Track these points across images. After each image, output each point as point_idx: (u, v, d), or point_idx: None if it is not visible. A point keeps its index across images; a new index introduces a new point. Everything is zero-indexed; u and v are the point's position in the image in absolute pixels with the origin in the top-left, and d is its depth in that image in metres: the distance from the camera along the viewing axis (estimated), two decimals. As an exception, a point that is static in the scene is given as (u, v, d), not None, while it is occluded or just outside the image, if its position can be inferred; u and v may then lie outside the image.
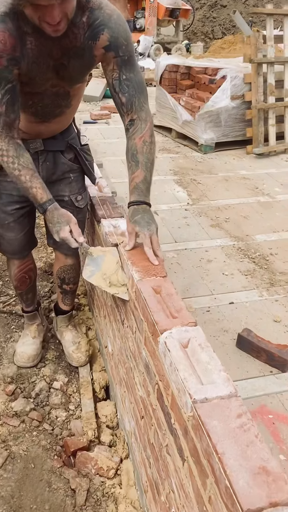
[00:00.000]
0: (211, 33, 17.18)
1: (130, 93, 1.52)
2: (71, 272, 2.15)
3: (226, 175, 4.09)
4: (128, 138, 1.60)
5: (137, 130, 1.57)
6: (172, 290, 1.35)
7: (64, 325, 2.32)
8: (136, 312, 1.43)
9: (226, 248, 2.85)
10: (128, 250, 1.56)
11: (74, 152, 1.88)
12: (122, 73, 1.50)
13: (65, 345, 2.30)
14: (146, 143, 1.56)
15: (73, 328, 2.34)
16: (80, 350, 2.24)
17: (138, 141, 1.56)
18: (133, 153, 1.56)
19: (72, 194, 1.91)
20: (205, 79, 4.79)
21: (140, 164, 1.54)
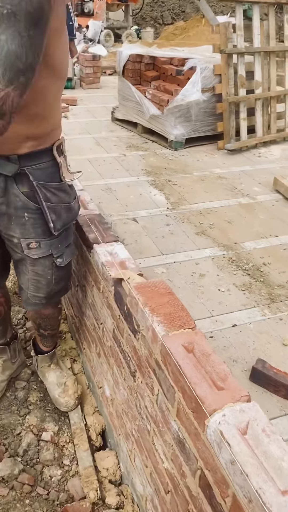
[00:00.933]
0: (161, 19, 16.84)
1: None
2: (47, 320, 1.81)
3: (202, 174, 3.87)
4: None
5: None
6: (208, 348, 1.10)
7: (46, 365, 2.01)
8: (160, 373, 1.18)
9: (216, 259, 2.64)
10: (139, 289, 1.30)
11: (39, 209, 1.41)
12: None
13: (49, 388, 2.00)
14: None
15: (56, 367, 2.02)
16: (67, 393, 1.96)
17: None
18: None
19: (24, 238, 1.45)
20: (172, 70, 4.52)
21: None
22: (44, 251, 1.48)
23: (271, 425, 0.91)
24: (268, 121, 4.69)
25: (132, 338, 1.36)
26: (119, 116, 5.07)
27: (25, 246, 1.46)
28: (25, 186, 1.38)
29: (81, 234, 1.80)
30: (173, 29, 12.92)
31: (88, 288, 1.85)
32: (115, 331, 1.54)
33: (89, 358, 2.03)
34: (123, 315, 1.42)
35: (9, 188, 1.38)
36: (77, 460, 1.78)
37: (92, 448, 1.84)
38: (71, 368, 2.16)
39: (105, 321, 1.66)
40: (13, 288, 2.67)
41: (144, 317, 1.23)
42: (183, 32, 12.12)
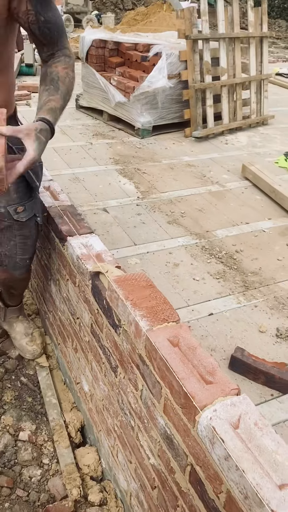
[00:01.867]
0: (121, 4, 16.54)
1: (52, 35, 1.35)
2: (19, 283, 1.90)
3: (170, 162, 3.83)
4: (48, 66, 1.40)
5: (60, 60, 1.40)
6: (194, 341, 1.08)
7: (15, 316, 2.10)
8: (144, 368, 1.15)
9: (189, 248, 2.62)
10: (119, 282, 1.25)
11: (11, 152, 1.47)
12: (39, 14, 1.28)
13: (16, 337, 2.06)
14: (69, 75, 1.41)
15: (24, 318, 2.12)
16: (36, 342, 2.05)
17: (61, 70, 1.39)
18: (53, 78, 1.37)
19: (10, 205, 1.56)
20: (137, 56, 4.44)
21: (60, 92, 1.36)
22: (29, 212, 1.61)
23: (263, 418, 0.90)
24: (234, 108, 4.69)
25: (113, 333, 1.32)
26: (84, 104, 4.95)
27: (13, 212, 1.56)
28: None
29: (54, 226, 1.73)
30: (134, 14, 12.69)
31: (62, 282, 1.79)
32: (93, 326, 1.49)
33: (64, 353, 1.98)
34: (102, 310, 1.37)
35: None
36: (57, 458, 1.74)
37: (72, 445, 1.80)
38: (49, 364, 2.10)
39: (82, 316, 1.61)
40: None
41: (126, 312, 1.19)
42: (144, 18, 11.92)
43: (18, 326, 2.10)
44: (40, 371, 2.06)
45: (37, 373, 2.06)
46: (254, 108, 4.87)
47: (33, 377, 2.07)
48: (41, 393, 1.99)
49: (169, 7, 11.10)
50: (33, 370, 2.10)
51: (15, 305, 2.09)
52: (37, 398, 1.98)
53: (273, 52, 11.21)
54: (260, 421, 0.89)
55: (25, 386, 2.02)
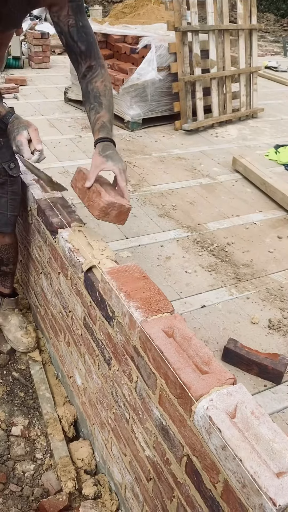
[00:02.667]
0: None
1: (89, 41, 1.47)
2: (9, 251, 1.98)
3: (161, 155, 3.81)
4: (87, 82, 1.53)
5: (97, 74, 1.52)
6: (188, 332, 1.07)
7: (11, 308, 2.14)
8: (139, 360, 1.14)
9: (181, 241, 2.62)
10: (112, 274, 1.24)
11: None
12: (79, 20, 1.43)
13: (11, 329, 2.09)
14: (107, 88, 1.53)
15: (19, 312, 2.18)
16: (30, 335, 2.08)
17: (100, 84, 1.52)
18: (95, 95, 1.51)
19: (4, 162, 1.72)
20: (126, 48, 4.40)
21: (104, 106, 1.49)
22: (18, 168, 1.79)
23: (260, 407, 0.89)
24: (223, 101, 4.68)
25: (106, 325, 1.31)
26: (73, 97, 4.90)
27: (7, 168, 1.72)
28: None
29: (44, 218, 1.71)
30: (122, 7, 12.59)
31: (54, 275, 1.77)
32: (86, 318, 1.48)
33: (56, 347, 1.96)
34: (95, 302, 1.36)
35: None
36: (50, 452, 1.73)
37: (66, 439, 1.79)
38: (42, 359, 2.09)
39: (74, 309, 1.59)
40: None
41: (119, 303, 1.18)
42: (132, 11, 11.85)
43: (13, 318, 2.12)
44: (33, 365, 2.05)
45: (30, 368, 2.04)
46: (244, 101, 4.86)
47: (24, 372, 2.05)
48: (33, 388, 1.97)
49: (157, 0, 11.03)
50: (24, 365, 2.08)
51: (9, 293, 2.13)
52: (29, 393, 1.96)
53: (262, 46, 11.20)
54: (257, 410, 0.89)
55: (16, 381, 2.00)
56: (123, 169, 1.38)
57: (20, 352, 2.09)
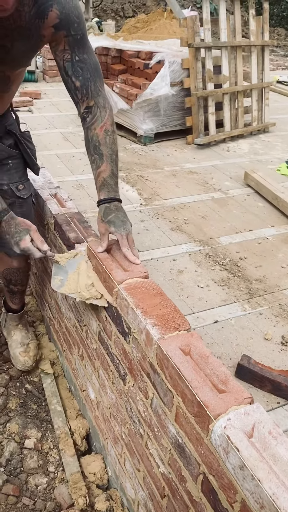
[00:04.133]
0: (122, 11, 16.67)
1: (85, 77, 1.39)
2: (18, 274, 1.94)
3: (173, 169, 3.85)
4: (87, 129, 1.47)
5: (96, 119, 1.44)
6: (205, 350, 1.08)
7: (14, 323, 2.11)
8: (155, 377, 1.15)
9: (193, 255, 2.63)
10: (129, 290, 1.26)
11: (14, 139, 1.69)
12: (75, 54, 1.36)
13: (12, 345, 2.06)
14: (108, 133, 1.44)
15: (23, 327, 2.13)
16: (28, 354, 2.03)
17: (100, 131, 1.43)
18: (95, 145, 1.43)
19: (12, 183, 1.71)
20: (139, 63, 4.47)
21: (105, 156, 1.42)
22: (28, 190, 1.76)
23: (277, 427, 0.90)
24: (235, 115, 4.72)
25: (122, 341, 1.32)
26: (86, 110, 4.97)
27: (15, 190, 1.71)
28: (9, 140, 1.67)
29: (61, 233, 1.74)
30: (135, 22, 12.75)
31: (69, 289, 1.79)
32: (101, 333, 1.49)
33: (69, 360, 1.98)
34: (111, 317, 1.37)
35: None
36: (63, 466, 1.73)
37: (78, 453, 1.79)
38: (54, 371, 2.10)
39: (89, 323, 1.61)
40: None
41: (136, 320, 1.19)
42: (145, 25, 11.98)
43: (16, 334, 2.09)
44: (45, 378, 2.06)
45: (42, 380, 2.06)
46: (256, 115, 4.90)
47: (37, 384, 2.07)
48: (46, 401, 1.98)
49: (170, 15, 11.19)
50: (37, 377, 2.09)
51: (17, 309, 2.10)
52: (42, 406, 1.97)
53: (273, 60, 11.28)
54: (274, 430, 0.89)
55: (29, 393, 2.02)
56: (127, 233, 1.36)
57: (18, 369, 2.05)
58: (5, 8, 1.11)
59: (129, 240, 1.38)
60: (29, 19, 1.25)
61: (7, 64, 1.38)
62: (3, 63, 1.36)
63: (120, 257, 1.41)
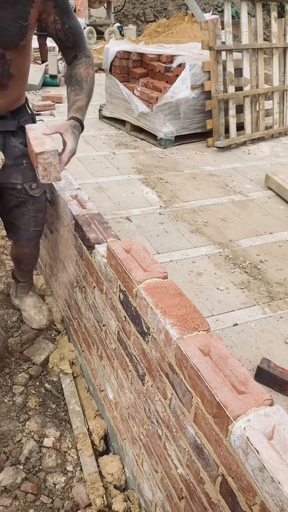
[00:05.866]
0: (143, 16, 16.77)
1: (75, 39, 1.64)
2: (28, 258, 2.12)
3: (193, 172, 3.84)
4: (72, 67, 1.68)
5: (81, 62, 1.67)
6: (225, 351, 1.07)
7: (25, 292, 2.26)
8: (174, 377, 1.14)
9: (213, 257, 2.62)
10: (148, 290, 1.26)
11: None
12: (65, 23, 1.57)
13: (25, 309, 2.22)
14: (90, 75, 1.67)
15: (34, 294, 2.29)
16: (43, 313, 2.19)
17: (84, 71, 1.66)
18: (78, 79, 1.65)
19: (26, 182, 1.80)
20: (160, 67, 4.48)
21: (84, 91, 1.64)
22: (41, 189, 1.86)
23: (298, 429, 0.88)
24: (256, 118, 4.69)
25: (141, 341, 1.32)
26: (107, 114, 5.01)
27: (28, 188, 1.80)
28: (21, 137, 1.73)
29: (81, 234, 1.75)
30: (156, 26, 12.85)
31: (89, 289, 1.81)
32: (120, 333, 1.50)
33: (88, 360, 1.99)
34: (130, 317, 1.38)
35: (7, 143, 1.71)
36: (81, 466, 1.74)
37: (96, 453, 1.80)
38: (72, 371, 2.11)
39: (108, 323, 1.61)
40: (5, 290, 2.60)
41: (155, 319, 1.19)
42: (166, 30, 12.06)
43: (28, 300, 2.25)
44: (64, 378, 2.08)
45: (61, 380, 2.07)
46: (277, 118, 4.85)
47: (56, 383, 2.08)
48: (65, 400, 2.00)
49: (191, 19, 11.21)
50: (56, 377, 2.11)
51: (26, 281, 2.26)
52: (61, 405, 1.99)
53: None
54: (295, 432, 0.88)
55: (49, 393, 2.04)
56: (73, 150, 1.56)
57: (33, 328, 2.19)
58: None
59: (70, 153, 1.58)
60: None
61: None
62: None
63: (140, 257, 1.41)
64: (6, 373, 2.09)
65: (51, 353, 2.19)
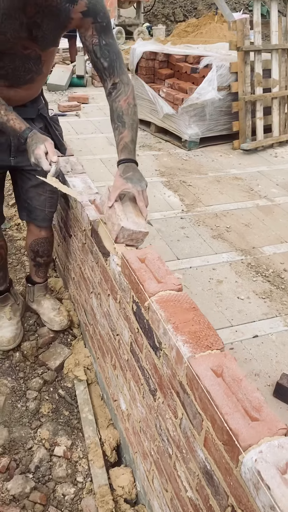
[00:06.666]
0: (172, 16, 16.68)
1: (112, 58, 1.57)
2: (45, 244, 2.13)
3: (217, 175, 3.76)
4: (112, 101, 1.63)
5: (121, 93, 1.61)
6: (239, 372, 1.01)
7: (42, 294, 2.30)
8: (185, 397, 1.09)
9: (234, 264, 2.54)
10: (161, 303, 1.21)
11: (44, 122, 1.85)
12: (102, 39, 1.54)
13: (44, 312, 2.25)
14: (131, 105, 1.61)
15: (50, 296, 2.33)
16: (62, 314, 2.23)
17: (123, 103, 1.60)
18: (119, 114, 1.60)
19: None
20: (187, 68, 4.42)
21: (127, 125, 1.58)
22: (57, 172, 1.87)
23: (315, 465, 0.82)
24: (284, 120, 4.57)
25: (153, 355, 1.27)
26: (132, 115, 4.97)
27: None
28: (40, 123, 1.82)
29: (97, 240, 1.72)
30: (185, 26, 12.75)
31: (104, 297, 1.77)
32: (133, 344, 1.45)
33: (103, 368, 1.95)
34: (143, 330, 1.33)
35: None
36: (91, 477, 1.70)
37: (107, 464, 1.76)
38: (86, 378, 2.08)
39: (122, 333, 1.57)
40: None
41: (167, 335, 1.14)
42: (195, 30, 11.95)
43: (46, 302, 2.28)
44: (78, 385, 2.05)
45: (75, 387, 2.04)
46: (306, 120, 4.71)
47: (71, 390, 2.06)
48: (78, 407, 1.97)
49: (220, 18, 11.07)
50: (71, 383, 2.08)
51: (42, 281, 2.28)
52: (74, 412, 1.96)
53: None
54: (311, 468, 0.81)
55: (62, 399, 2.01)
56: (143, 189, 1.47)
57: (54, 331, 2.22)
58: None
59: (144, 196, 1.49)
60: (60, 1, 1.40)
61: (38, 42, 1.51)
62: (35, 40, 1.50)
63: (154, 267, 1.36)
64: (20, 378, 2.07)
65: (66, 358, 2.16)
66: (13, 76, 1.61)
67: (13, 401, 1.96)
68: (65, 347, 2.22)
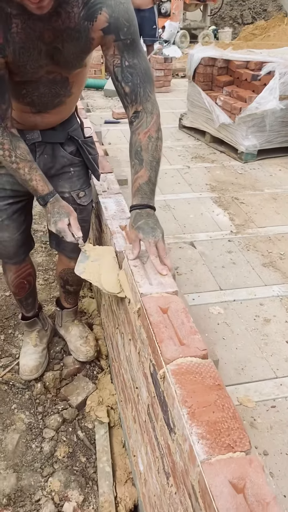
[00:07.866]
0: (240, 18, 16.20)
1: (134, 82, 1.36)
2: (74, 275, 1.92)
3: (274, 192, 3.45)
4: (132, 133, 1.43)
5: (141, 124, 1.40)
6: (266, 491, 0.78)
7: (70, 320, 2.20)
8: (196, 505, 0.86)
9: (286, 300, 2.24)
10: (179, 376, 0.98)
11: (76, 145, 1.70)
12: (125, 59, 1.33)
13: (71, 340, 2.15)
14: (152, 139, 1.39)
15: (79, 322, 2.22)
16: (89, 344, 2.12)
17: (143, 137, 1.39)
18: (137, 150, 1.39)
19: (73, 191, 1.74)
20: (247, 75, 4.12)
21: (145, 162, 1.37)
22: (88, 197, 1.79)
23: None
24: None
25: (167, 434, 1.05)
26: (187, 124, 4.76)
27: (76, 197, 1.74)
28: (71, 146, 1.68)
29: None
30: (253, 28, 12.30)
31: (126, 339, 1.57)
32: (150, 408, 1.24)
33: (125, 414, 1.75)
34: (158, 399, 1.11)
35: (56, 153, 1.65)
36: None
37: (120, 528, 1.56)
38: (110, 419, 1.89)
39: (141, 389, 1.36)
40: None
41: (181, 422, 0.91)
42: (263, 32, 11.49)
43: (74, 329, 2.18)
44: (99, 428, 1.86)
45: (95, 430, 1.86)
46: None
47: (91, 432, 1.88)
48: (96, 454, 1.78)
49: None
50: (92, 424, 1.91)
51: (70, 307, 2.18)
52: (92, 459, 1.78)
53: None
54: None
55: (81, 442, 1.83)
56: (156, 240, 1.27)
57: (79, 361, 2.11)
58: (42, 6, 1.08)
59: (159, 248, 1.28)
60: (78, 20, 1.24)
61: (62, 66, 1.37)
62: (58, 65, 1.36)
63: (178, 322, 1.14)
64: (39, 413, 1.93)
65: (89, 395, 1.99)
66: (39, 103, 1.48)
67: (27, 440, 1.82)
68: (90, 382, 2.05)
